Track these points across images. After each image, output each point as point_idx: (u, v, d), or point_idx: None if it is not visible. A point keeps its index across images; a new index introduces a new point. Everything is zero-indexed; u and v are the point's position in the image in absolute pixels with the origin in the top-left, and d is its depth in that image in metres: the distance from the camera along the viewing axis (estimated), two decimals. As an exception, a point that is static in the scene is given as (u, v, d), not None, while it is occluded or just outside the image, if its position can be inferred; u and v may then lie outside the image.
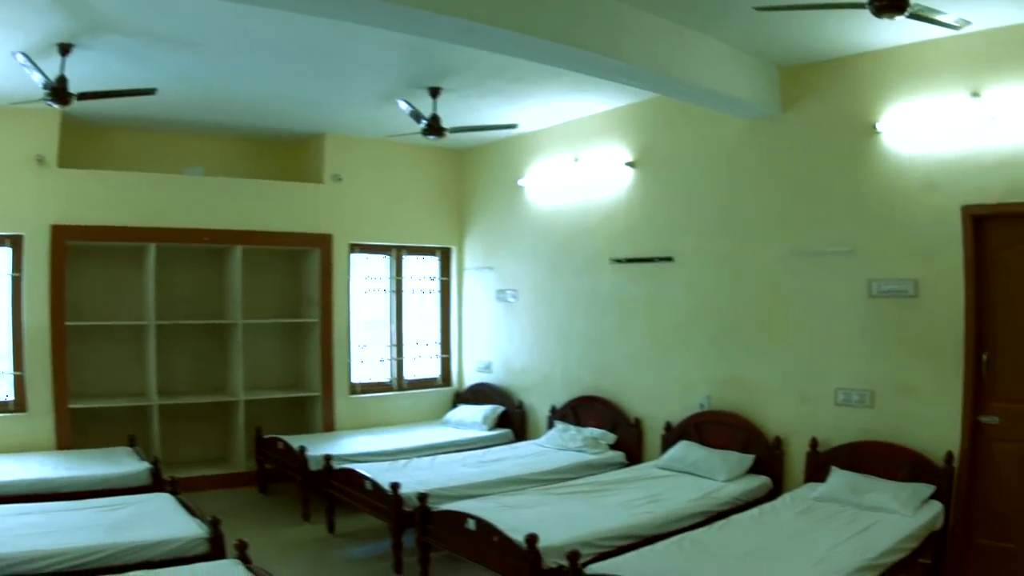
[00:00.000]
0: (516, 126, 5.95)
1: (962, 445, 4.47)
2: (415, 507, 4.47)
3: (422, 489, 4.62)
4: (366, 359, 7.40)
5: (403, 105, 5.47)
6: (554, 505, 4.48)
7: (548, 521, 4.05)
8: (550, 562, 3.69)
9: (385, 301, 7.58)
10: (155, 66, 4.88)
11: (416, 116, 5.51)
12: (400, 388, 7.55)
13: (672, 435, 5.74)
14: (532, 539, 3.67)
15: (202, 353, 6.85)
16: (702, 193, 5.74)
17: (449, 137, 5.73)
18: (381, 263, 7.57)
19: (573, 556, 3.48)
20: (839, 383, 4.97)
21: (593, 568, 3.48)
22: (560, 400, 6.62)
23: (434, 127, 5.56)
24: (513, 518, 4.08)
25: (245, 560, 3.29)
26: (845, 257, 4.94)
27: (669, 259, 5.92)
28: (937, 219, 4.54)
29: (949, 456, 4.45)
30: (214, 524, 3.76)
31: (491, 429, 6.79)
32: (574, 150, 6.60)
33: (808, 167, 5.15)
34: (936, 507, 4.34)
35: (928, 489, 4.42)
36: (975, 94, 4.35)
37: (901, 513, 4.18)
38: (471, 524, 4.09)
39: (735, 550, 3.71)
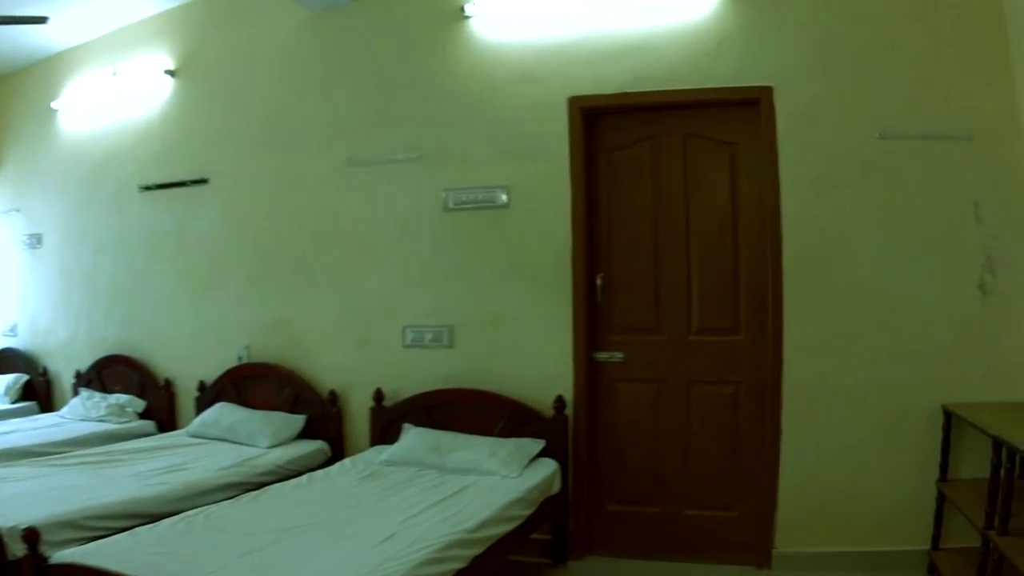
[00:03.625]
0: (47, 19, 4.52)
1: (576, 389, 3.79)
2: None
3: None
4: None
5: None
6: (49, 479, 3.41)
7: (28, 497, 3.03)
8: (18, 550, 2.59)
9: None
10: None
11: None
12: (-73, 360, 5.75)
13: (207, 396, 4.68)
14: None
15: None
16: (247, 102, 4.70)
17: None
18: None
19: (31, 536, 2.52)
20: (408, 320, 4.18)
21: (62, 555, 2.46)
22: (87, 363, 5.27)
23: None
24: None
25: None
26: (413, 165, 4.18)
27: (203, 181, 4.83)
28: (536, 115, 3.92)
29: (560, 403, 3.68)
30: None
31: (14, 402, 5.48)
32: (115, 63, 5.23)
33: (376, 63, 4.31)
34: (550, 466, 3.60)
35: (536, 445, 3.63)
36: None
37: (503, 474, 3.37)
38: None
39: (268, 526, 2.70)
